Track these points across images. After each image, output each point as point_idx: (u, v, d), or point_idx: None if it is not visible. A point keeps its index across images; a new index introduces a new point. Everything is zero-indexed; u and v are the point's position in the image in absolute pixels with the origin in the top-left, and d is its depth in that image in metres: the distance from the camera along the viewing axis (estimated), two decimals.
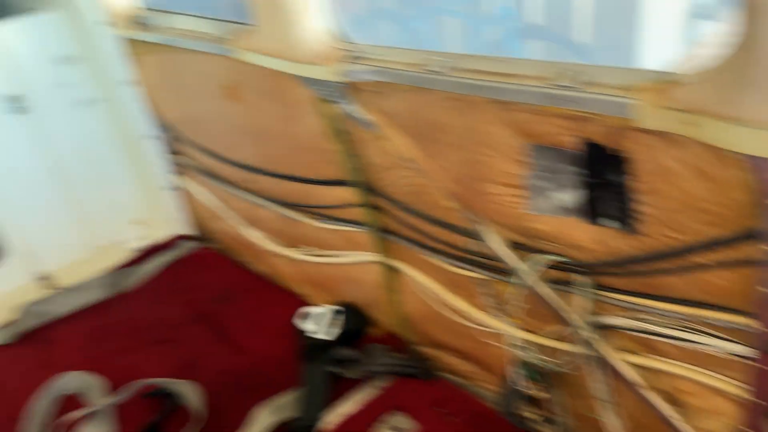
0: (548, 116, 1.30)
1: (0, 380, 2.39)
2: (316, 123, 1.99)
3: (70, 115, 2.93)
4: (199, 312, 2.67)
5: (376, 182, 1.96)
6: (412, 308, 2.14)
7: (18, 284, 2.91)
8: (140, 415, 2.14)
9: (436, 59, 1.47)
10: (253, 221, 2.78)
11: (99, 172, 3.09)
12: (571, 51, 4.35)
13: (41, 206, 2.95)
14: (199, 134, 2.77)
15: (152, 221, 3.24)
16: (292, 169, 2.29)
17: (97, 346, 2.51)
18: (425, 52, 1.53)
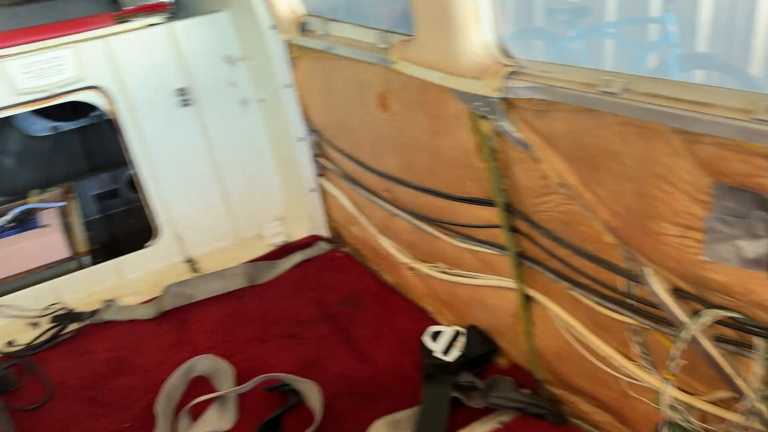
0: (744, 153, 1.13)
1: (140, 352, 2.56)
2: (466, 138, 1.93)
3: (229, 112, 3.11)
4: (326, 313, 2.70)
5: (523, 205, 1.86)
6: (546, 343, 2.00)
7: (165, 264, 3.13)
8: (261, 407, 2.19)
9: (612, 80, 1.35)
10: (387, 230, 2.77)
11: (249, 168, 3.25)
12: (745, 83, 3.95)
13: (195, 194, 3.15)
14: (343, 139, 2.81)
15: (291, 219, 3.35)
16: (434, 183, 2.24)
17: (227, 332, 2.62)
18: (598, 72, 1.41)
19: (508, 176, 1.86)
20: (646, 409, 1.67)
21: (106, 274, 3.04)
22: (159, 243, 3.11)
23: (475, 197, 2.05)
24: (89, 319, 2.79)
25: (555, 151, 1.62)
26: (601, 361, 1.76)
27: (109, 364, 2.52)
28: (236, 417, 2.16)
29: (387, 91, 2.27)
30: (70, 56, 2.75)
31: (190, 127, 3.04)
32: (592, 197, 1.55)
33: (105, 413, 2.26)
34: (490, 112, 1.75)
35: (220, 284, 2.88)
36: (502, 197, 1.91)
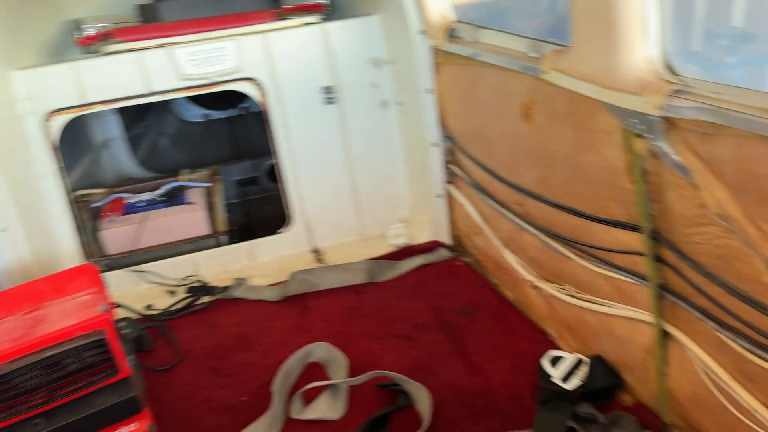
0: None
1: (262, 331, 2.69)
2: (616, 156, 1.83)
3: (368, 112, 3.21)
4: (442, 319, 2.68)
5: (672, 234, 1.73)
6: (680, 386, 1.85)
7: (294, 251, 3.28)
8: (370, 403, 2.22)
9: None
10: (513, 245, 2.70)
11: (381, 168, 3.33)
12: None
13: (328, 188, 3.28)
14: (478, 148, 2.78)
15: (415, 223, 3.37)
16: (572, 200, 2.15)
17: (344, 324, 2.68)
18: None
19: (659, 201, 1.75)
20: None
21: (240, 254, 3.24)
22: (290, 231, 3.26)
23: (618, 220, 1.94)
24: (220, 294, 2.97)
25: (718, 178, 1.50)
26: (743, 413, 1.59)
27: (234, 338, 2.67)
28: (346, 408, 2.20)
29: (532, 102, 2.22)
30: (232, 48, 2.96)
31: (331, 123, 3.16)
32: (756, 233, 1.41)
33: (225, 384, 2.40)
34: (647, 131, 1.65)
35: (343, 277, 2.96)
36: (649, 223, 1.80)
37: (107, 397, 1.89)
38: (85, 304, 1.98)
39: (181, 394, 2.38)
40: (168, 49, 2.89)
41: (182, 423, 2.23)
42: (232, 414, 2.24)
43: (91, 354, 1.84)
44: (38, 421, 1.80)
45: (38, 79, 2.79)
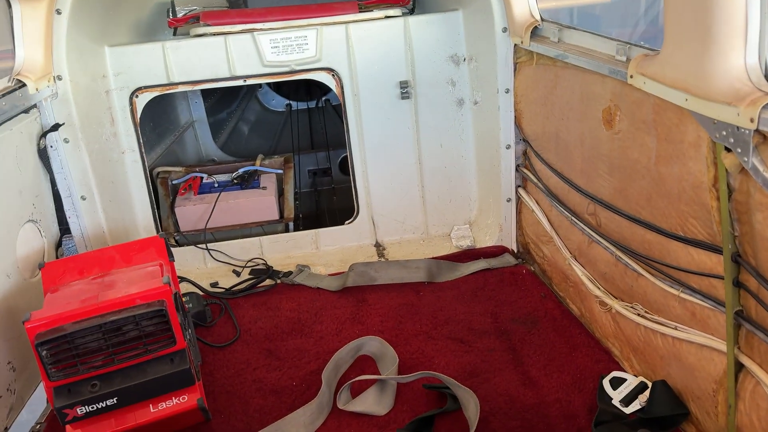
0: None
1: (319, 319, 2.71)
2: (700, 171, 1.70)
3: (443, 110, 3.16)
4: (500, 327, 2.60)
5: (757, 258, 1.59)
6: (752, 422, 1.70)
7: (357, 244, 3.28)
8: (418, 403, 2.18)
9: None
10: (582, 257, 2.58)
11: (451, 167, 3.27)
12: None
13: (396, 184, 3.25)
14: (553, 153, 2.68)
15: (481, 226, 3.30)
16: (650, 214, 2.03)
17: (399, 320, 2.65)
18: None
19: (745, 222, 1.61)
20: None
21: (305, 241, 3.27)
22: (355, 223, 3.27)
23: (698, 239, 1.81)
24: (282, 279, 3.02)
25: None
26: None
27: (291, 323, 2.70)
28: (392, 404, 2.17)
29: (615, 107, 2.11)
30: (313, 37, 2.99)
31: (404, 119, 3.14)
32: None
33: (278, 367, 2.42)
34: (738, 145, 1.52)
35: (402, 273, 2.93)
36: (731, 244, 1.66)
37: (162, 367, 1.95)
38: (149, 274, 2.06)
39: (235, 371, 2.43)
40: (252, 35, 2.96)
41: (232, 400, 2.27)
42: (281, 397, 2.26)
43: (151, 323, 1.89)
44: (96, 383, 1.88)
45: (128, 56, 2.92)
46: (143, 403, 1.96)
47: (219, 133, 4.65)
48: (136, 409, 1.95)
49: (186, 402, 1.99)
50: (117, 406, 1.91)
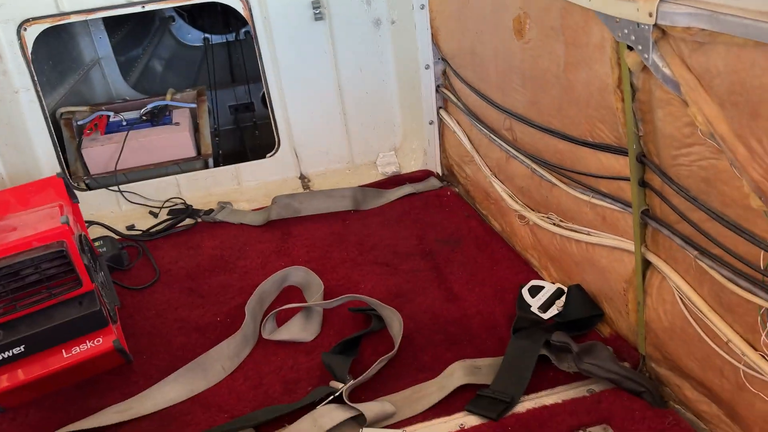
0: None
1: (242, 255, 2.65)
2: (606, 73, 1.70)
3: (360, 31, 3.04)
4: (425, 248, 2.61)
5: (659, 157, 1.62)
6: (658, 317, 1.78)
7: (280, 177, 3.19)
8: (344, 326, 2.18)
9: None
10: (502, 174, 2.60)
11: (372, 92, 3.18)
12: None
13: (316, 112, 3.15)
14: (470, 69, 2.64)
15: (406, 151, 3.26)
16: (561, 123, 2.03)
17: (325, 250, 2.63)
18: None
19: (648, 121, 1.62)
20: (765, 408, 1.43)
21: (226, 178, 3.16)
22: (277, 156, 3.17)
23: (605, 143, 1.83)
24: (203, 217, 2.92)
25: (708, 93, 1.37)
26: (719, 345, 1.52)
27: (213, 260, 2.63)
28: (319, 330, 2.17)
29: (525, 15, 2.07)
30: None
31: (319, 41, 3.01)
32: (744, 152, 1.30)
33: (200, 304, 2.37)
34: (639, 42, 1.51)
35: (327, 203, 2.89)
36: (635, 145, 1.68)
37: (70, 311, 1.86)
38: (47, 215, 1.93)
39: (156, 312, 2.36)
40: None
41: (153, 341, 2.21)
42: (205, 333, 2.22)
43: (51, 265, 1.79)
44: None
45: None
46: (55, 350, 1.87)
47: (130, 72, 4.37)
48: (47, 356, 1.87)
49: (101, 345, 1.92)
50: (25, 354, 1.82)
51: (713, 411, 1.65)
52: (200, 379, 2.01)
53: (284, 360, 2.06)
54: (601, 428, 1.69)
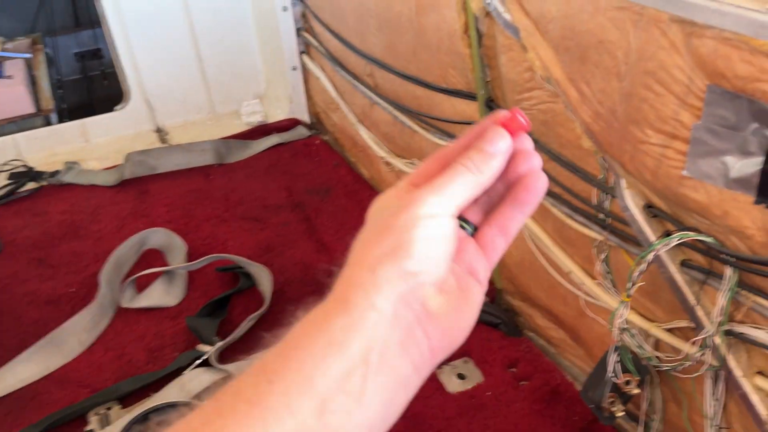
0: (750, 52, 0.94)
1: (95, 218, 2.46)
2: (453, 18, 1.71)
3: None
4: (294, 200, 2.58)
5: (504, 101, 1.67)
6: (509, 251, 1.87)
7: (134, 131, 2.97)
8: (211, 287, 2.12)
9: None
10: (367, 120, 2.59)
11: (229, 37, 3.00)
12: None
13: (169, 59, 2.92)
14: (330, 13, 2.56)
15: (271, 99, 3.15)
16: (417, 69, 2.04)
17: (188, 208, 2.51)
18: None
19: (494, 66, 1.67)
20: (602, 330, 1.58)
21: (71, 135, 2.89)
22: (128, 108, 2.93)
23: (457, 89, 1.86)
24: (48, 180, 2.67)
25: (544, 38, 1.42)
26: (562, 275, 1.65)
27: (63, 227, 2.43)
28: (184, 294, 2.09)
29: None
30: None
31: None
32: (575, 95, 1.37)
33: (51, 276, 2.19)
34: None
35: (187, 158, 2.74)
36: (483, 90, 1.73)
37: None
38: None
39: (1, 288, 2.16)
40: None
41: (1, 319, 2.03)
42: (58, 306, 2.06)
43: None
44: None
45: None
46: None
47: None
48: None
49: None
50: None
51: (560, 336, 1.80)
52: (55, 355, 1.89)
53: (147, 327, 1.98)
54: (462, 361, 1.79)
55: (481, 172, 0.55)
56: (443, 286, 0.53)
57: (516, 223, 0.59)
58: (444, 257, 0.53)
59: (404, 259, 0.50)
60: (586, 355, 1.71)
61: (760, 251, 1.06)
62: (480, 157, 0.55)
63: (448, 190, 0.54)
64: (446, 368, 1.77)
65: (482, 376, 1.74)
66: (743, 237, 1.08)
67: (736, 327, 1.17)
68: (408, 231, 0.51)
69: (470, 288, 0.56)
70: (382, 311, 0.49)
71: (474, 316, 0.55)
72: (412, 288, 0.50)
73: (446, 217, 0.53)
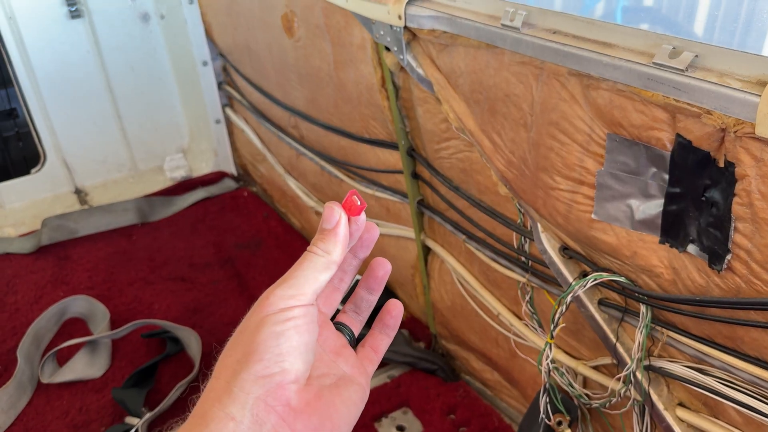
0: (642, 103, 1.01)
1: (11, 289, 2.33)
2: (370, 73, 1.74)
3: (127, 28, 2.79)
4: (223, 256, 2.52)
5: (425, 150, 1.71)
6: (441, 297, 1.90)
7: (51, 194, 2.85)
8: (137, 355, 2.03)
9: (513, 11, 1.19)
10: (295, 171, 2.59)
11: (150, 92, 2.96)
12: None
13: (86, 118, 2.85)
14: (249, 66, 2.57)
15: (196, 153, 3.10)
16: (339, 121, 2.06)
17: (111, 272, 2.41)
18: (502, 2, 1.25)
19: (412, 117, 1.71)
20: (534, 370, 1.60)
21: None
22: (44, 170, 2.82)
23: (380, 139, 1.89)
24: None
25: (456, 91, 1.47)
26: (492, 318, 1.67)
27: None
28: (108, 364, 1.99)
29: (292, 13, 2.04)
30: None
31: (80, 42, 2.71)
32: (489, 144, 1.41)
33: None
34: (394, 43, 1.56)
35: (107, 219, 2.64)
36: (404, 140, 1.76)
37: None
38: None
39: None
40: None
41: None
42: None
43: None
44: None
45: None
46: None
47: None
48: None
49: None
50: None
51: (496, 378, 1.82)
52: None
53: (71, 403, 1.86)
54: (401, 412, 1.77)
55: (328, 252, 0.57)
56: (312, 381, 0.54)
57: (384, 344, 0.68)
58: (300, 351, 0.52)
59: (255, 363, 0.51)
60: (521, 396, 1.73)
61: (669, 288, 1.11)
62: (321, 237, 0.58)
63: (297, 280, 0.55)
64: (385, 421, 1.74)
65: (422, 426, 1.72)
66: (653, 275, 1.13)
67: (655, 362, 1.21)
68: (257, 333, 0.52)
69: (347, 387, 0.57)
70: (239, 420, 0.49)
71: (352, 414, 0.56)
72: (270, 390, 0.50)
73: (300, 308, 0.53)
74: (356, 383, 0.58)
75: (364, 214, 0.63)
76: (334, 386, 0.55)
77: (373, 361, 0.65)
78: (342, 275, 0.67)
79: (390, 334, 0.68)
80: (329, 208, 0.59)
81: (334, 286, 0.66)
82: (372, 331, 0.68)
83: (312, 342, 0.53)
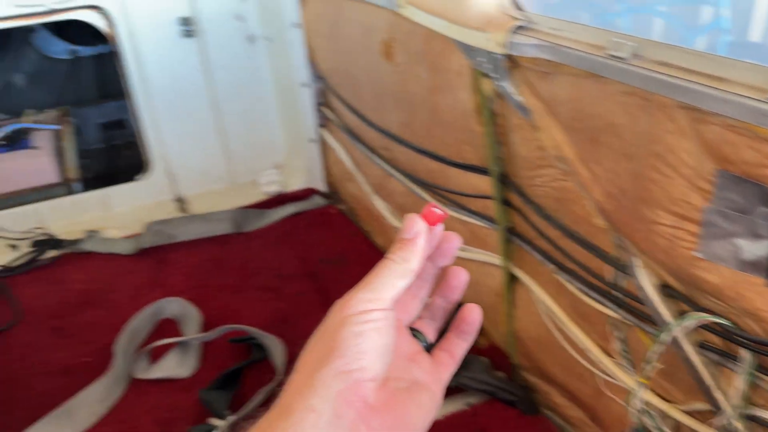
0: (754, 139, 0.97)
1: (113, 287, 2.49)
2: (467, 98, 1.77)
3: (234, 48, 2.97)
4: (309, 269, 2.59)
5: (518, 177, 1.70)
6: (525, 327, 1.87)
7: (154, 201, 3.04)
8: (224, 358, 2.11)
9: (622, 42, 1.18)
10: (383, 191, 2.63)
11: (251, 110, 3.12)
12: None
13: (192, 131, 3.04)
14: (347, 89, 2.66)
15: (289, 169, 3.23)
16: (431, 144, 2.09)
17: (204, 277, 2.53)
18: (608, 33, 1.24)
19: (506, 144, 1.71)
20: (620, 410, 1.54)
21: (93, 204, 2.97)
22: (149, 178, 3.02)
23: (470, 164, 1.90)
24: (69, 248, 2.72)
25: (555, 119, 1.46)
26: (578, 353, 1.63)
27: (81, 295, 2.46)
28: (197, 365, 2.08)
29: (392, 39, 2.11)
30: None
31: (191, 59, 2.91)
32: (587, 174, 1.39)
33: (67, 345, 2.21)
34: (493, 70, 1.58)
35: (204, 227, 2.79)
36: (497, 166, 1.76)
37: None
38: None
39: (17, 356, 2.17)
40: None
41: (12, 387, 2.03)
42: (71, 376, 2.06)
43: None
44: None
45: None
46: None
47: None
48: None
49: None
50: None
51: (578, 415, 1.76)
52: (67, 428, 1.87)
53: (159, 399, 1.96)
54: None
55: (406, 260, 0.59)
56: (388, 383, 0.55)
57: (461, 349, 0.67)
58: (379, 351, 0.55)
59: (336, 359, 0.53)
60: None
61: None
62: (400, 246, 0.61)
63: (376, 285, 0.57)
64: None
65: None
66: (758, 319, 1.07)
67: (757, 411, 1.14)
68: (338, 332, 0.54)
69: (420, 393, 0.58)
70: (320, 412, 0.51)
71: (424, 419, 0.57)
72: (349, 386, 0.52)
73: (379, 311, 0.55)
74: (429, 390, 0.59)
75: (441, 225, 0.65)
76: (406, 390, 0.57)
77: (449, 367, 0.65)
78: (421, 283, 0.67)
79: (468, 339, 0.67)
80: (409, 219, 0.61)
81: (412, 294, 0.67)
82: (448, 336, 0.67)
83: (390, 344, 0.55)
